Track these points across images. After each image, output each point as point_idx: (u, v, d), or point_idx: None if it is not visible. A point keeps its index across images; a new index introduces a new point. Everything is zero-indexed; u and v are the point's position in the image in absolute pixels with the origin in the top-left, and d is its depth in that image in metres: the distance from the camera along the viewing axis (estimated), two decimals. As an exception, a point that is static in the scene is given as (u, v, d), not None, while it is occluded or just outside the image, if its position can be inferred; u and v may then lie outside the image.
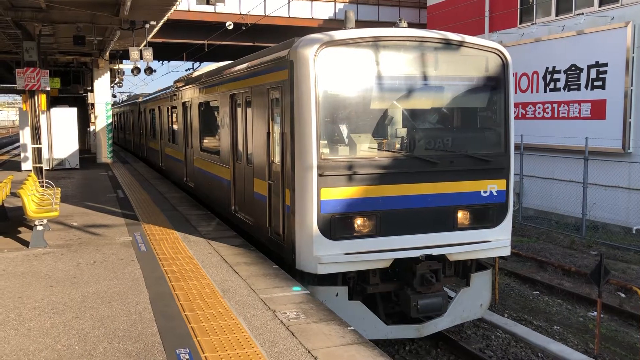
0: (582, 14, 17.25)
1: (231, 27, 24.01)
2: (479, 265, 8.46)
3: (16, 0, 14.22)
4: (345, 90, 7.58)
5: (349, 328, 5.59)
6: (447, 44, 7.87)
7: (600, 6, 17.14)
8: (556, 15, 18.73)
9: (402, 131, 7.88)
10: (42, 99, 16.17)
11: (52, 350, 5.13)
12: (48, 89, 16.92)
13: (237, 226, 10.37)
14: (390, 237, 7.49)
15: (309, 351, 5.05)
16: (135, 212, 12.06)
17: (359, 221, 7.39)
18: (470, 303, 8.31)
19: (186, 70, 35.98)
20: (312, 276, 7.37)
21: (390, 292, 7.98)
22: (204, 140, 13.29)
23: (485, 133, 8.56)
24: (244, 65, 9.76)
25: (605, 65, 16.37)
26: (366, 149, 7.53)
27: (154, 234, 9.93)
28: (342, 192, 7.29)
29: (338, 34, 7.47)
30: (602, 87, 16.53)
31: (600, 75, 16.58)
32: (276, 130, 8.20)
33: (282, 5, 25.69)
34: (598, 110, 16.70)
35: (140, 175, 19.67)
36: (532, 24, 19.15)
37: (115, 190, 15.75)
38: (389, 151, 7.65)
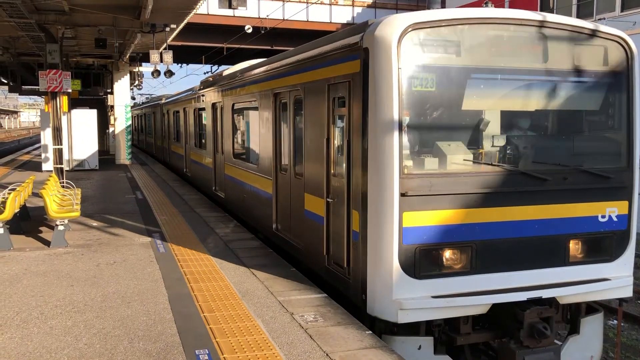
0: (604, 18, 17.09)
1: (250, 30, 24.22)
2: (588, 307, 6.86)
3: (40, 4, 14.46)
4: (436, 87, 5.92)
5: (367, 332, 5.59)
6: (562, 30, 6.34)
7: (622, 11, 16.97)
8: (577, 20, 18.56)
9: (503, 139, 6.34)
10: (63, 101, 16.43)
11: (74, 348, 5.20)
12: (69, 90, 17.15)
13: (279, 247, 9.00)
14: (488, 274, 6.02)
15: (327, 354, 5.05)
16: (154, 214, 12.17)
17: (449, 254, 5.93)
18: (579, 355, 6.66)
19: (204, 73, 36.28)
20: (388, 323, 5.93)
21: (481, 342, 6.55)
22: (238, 146, 11.80)
23: (603, 143, 6.91)
24: (293, 59, 8.22)
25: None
26: (460, 161, 6.03)
27: (172, 235, 10.01)
28: (429, 217, 5.79)
29: (427, 14, 5.89)
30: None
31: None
32: (338, 136, 6.83)
33: (301, 9, 25.82)
34: None
35: (158, 176, 19.84)
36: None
37: (134, 191, 15.91)
38: (487, 164, 6.13)
